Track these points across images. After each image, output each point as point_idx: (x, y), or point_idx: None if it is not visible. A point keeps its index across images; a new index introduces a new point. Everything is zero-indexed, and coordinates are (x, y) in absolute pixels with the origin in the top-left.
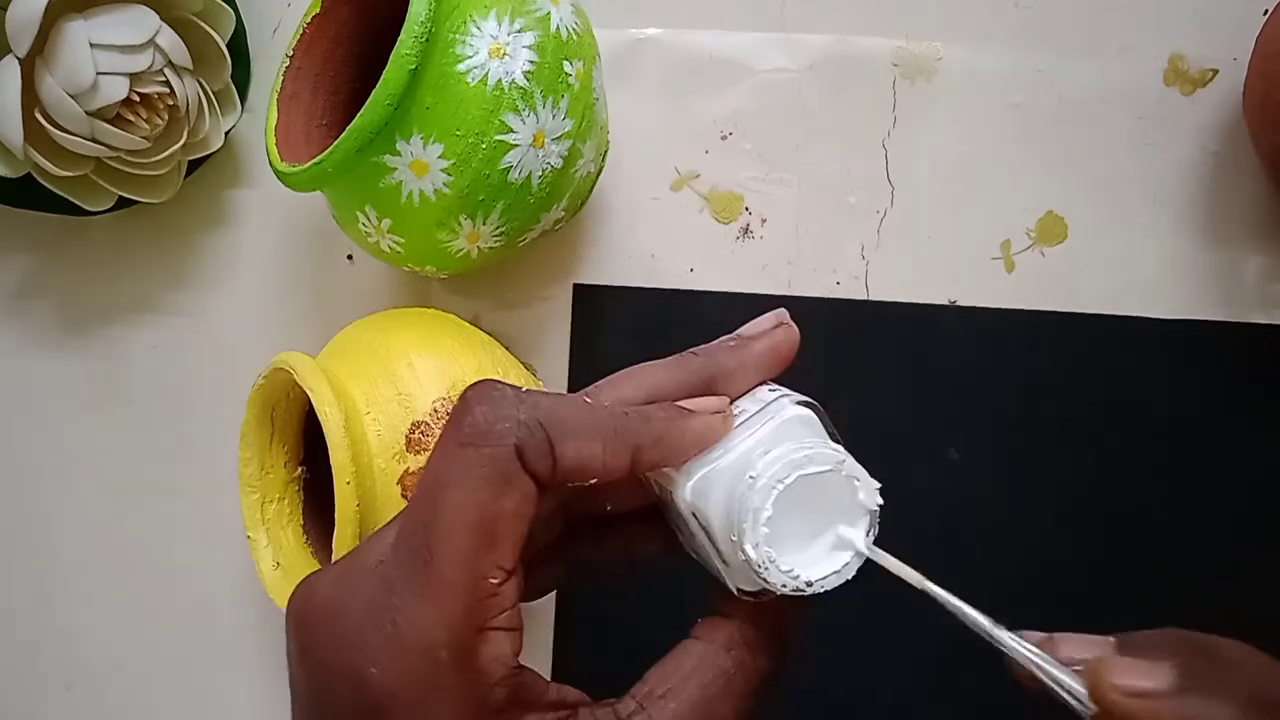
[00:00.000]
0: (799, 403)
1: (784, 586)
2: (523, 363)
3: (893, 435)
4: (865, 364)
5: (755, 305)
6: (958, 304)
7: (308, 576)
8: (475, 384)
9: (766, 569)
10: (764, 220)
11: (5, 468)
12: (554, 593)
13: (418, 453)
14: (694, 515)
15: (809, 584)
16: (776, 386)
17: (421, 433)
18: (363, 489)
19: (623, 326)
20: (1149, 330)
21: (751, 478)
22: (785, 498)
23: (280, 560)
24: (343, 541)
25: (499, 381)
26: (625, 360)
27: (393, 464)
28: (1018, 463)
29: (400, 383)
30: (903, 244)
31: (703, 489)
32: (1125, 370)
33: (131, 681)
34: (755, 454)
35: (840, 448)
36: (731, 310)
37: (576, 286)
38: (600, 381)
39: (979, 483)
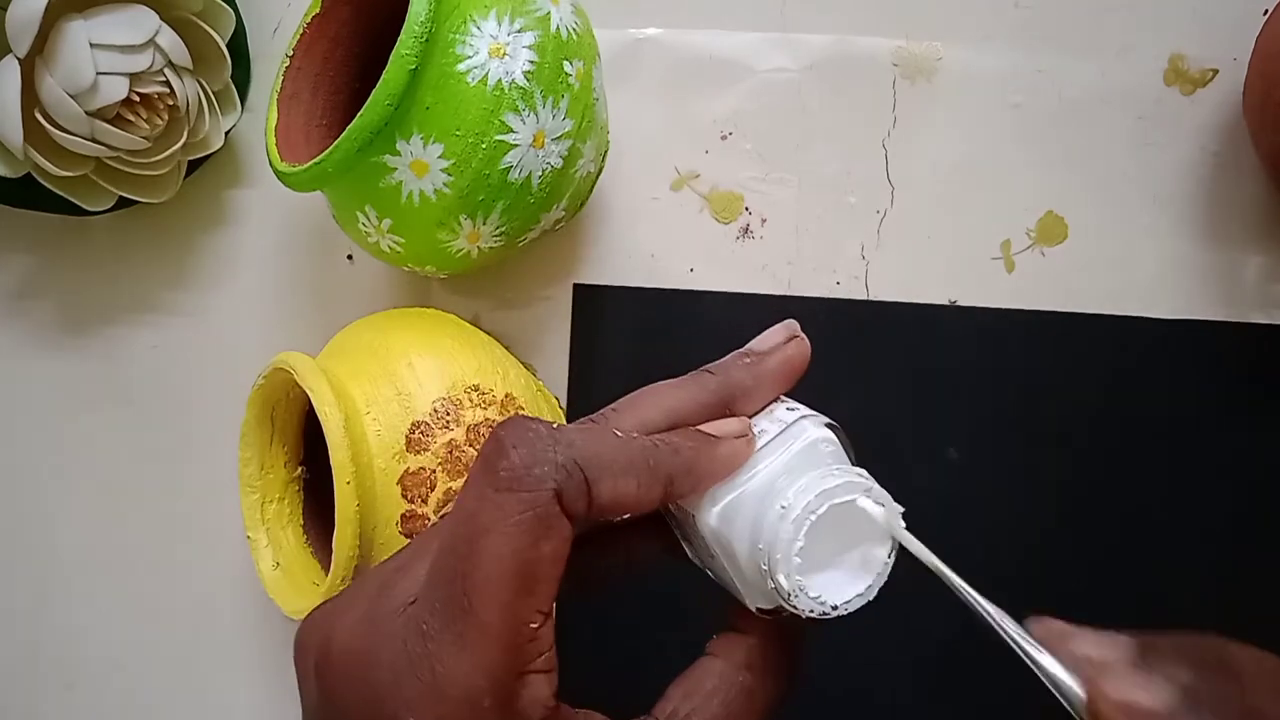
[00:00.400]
0: (819, 424)
1: (810, 612)
2: (523, 363)
3: (893, 435)
4: (865, 364)
5: (755, 305)
6: (958, 304)
7: (321, 613)
8: (507, 422)
9: (796, 597)
10: (764, 220)
11: (5, 468)
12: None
13: (418, 453)
14: (718, 540)
15: (835, 608)
16: (794, 404)
17: (421, 433)
18: (363, 489)
19: (623, 326)
20: (1149, 330)
21: (784, 508)
22: (814, 532)
23: (280, 560)
24: (343, 541)
25: (530, 418)
26: (625, 360)
27: (393, 464)
28: (1018, 463)
29: (400, 383)
30: (903, 244)
31: (728, 515)
32: (1125, 370)
33: (131, 681)
34: (782, 481)
35: (864, 471)
36: (731, 310)
37: (576, 286)
38: (619, 403)
39: (979, 483)
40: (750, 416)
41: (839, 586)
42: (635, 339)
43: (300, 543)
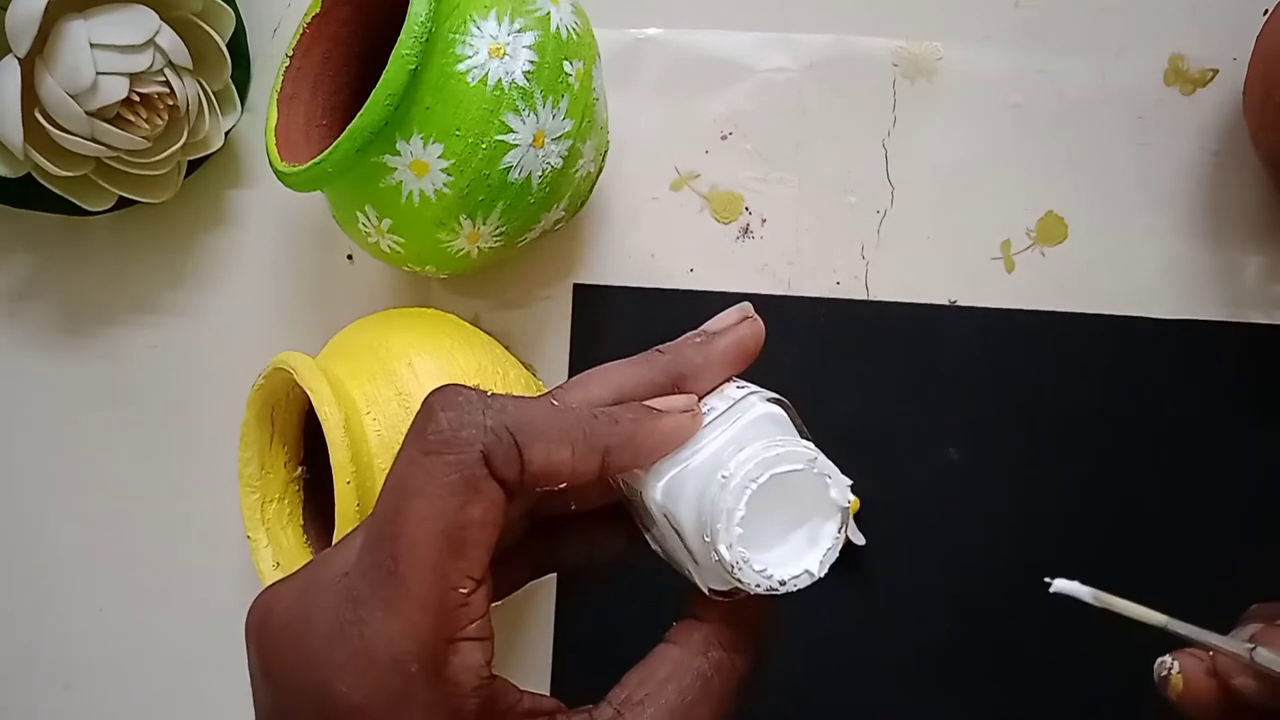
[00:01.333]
0: (768, 399)
1: (757, 586)
2: (523, 363)
3: (893, 435)
4: (865, 364)
5: (755, 305)
6: (958, 304)
7: (267, 589)
8: (439, 389)
9: (740, 569)
10: (764, 220)
11: (5, 468)
12: (554, 600)
13: None
14: (665, 516)
15: (782, 583)
16: (744, 383)
17: None
18: (363, 489)
19: (623, 326)
20: (1149, 330)
21: (724, 477)
22: (758, 497)
23: (280, 560)
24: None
25: (464, 386)
26: None
27: (392, 464)
28: (1018, 463)
29: (400, 383)
30: (903, 244)
31: (674, 489)
32: (1125, 370)
33: (131, 681)
34: (726, 453)
35: (811, 444)
36: None
37: (576, 286)
38: (567, 381)
39: (979, 483)
40: (701, 396)
41: (786, 561)
42: (635, 339)
43: (300, 543)
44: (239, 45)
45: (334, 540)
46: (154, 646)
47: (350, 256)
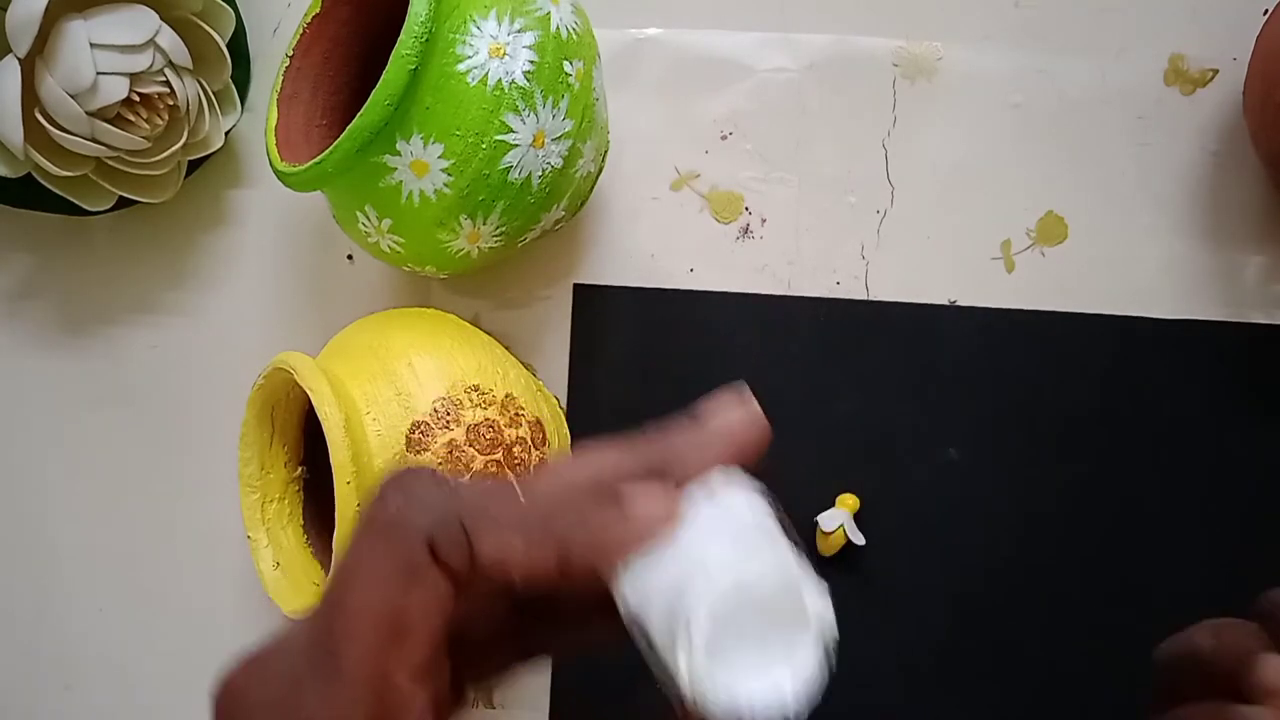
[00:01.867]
0: (750, 491)
1: (722, 716)
2: (523, 363)
3: (893, 435)
4: (865, 364)
5: (755, 305)
6: (958, 304)
7: (235, 659)
8: (395, 471)
9: (704, 703)
10: (764, 220)
11: (5, 468)
12: None
13: (418, 453)
14: (633, 620)
15: (753, 714)
16: (733, 472)
17: (421, 432)
18: (363, 489)
19: (623, 326)
20: (1149, 330)
21: (696, 589)
22: (728, 616)
23: (280, 560)
24: (343, 541)
25: (422, 469)
26: (625, 360)
27: (393, 464)
28: (1018, 463)
29: (400, 382)
30: (903, 244)
31: (643, 592)
32: (1125, 370)
33: (131, 681)
34: (710, 555)
35: (791, 549)
36: (731, 310)
37: (576, 286)
38: (543, 465)
39: (979, 483)
40: (686, 486)
41: (758, 689)
42: (635, 339)
43: (300, 543)
44: (239, 45)
45: (334, 541)
46: (154, 646)
47: (350, 256)
